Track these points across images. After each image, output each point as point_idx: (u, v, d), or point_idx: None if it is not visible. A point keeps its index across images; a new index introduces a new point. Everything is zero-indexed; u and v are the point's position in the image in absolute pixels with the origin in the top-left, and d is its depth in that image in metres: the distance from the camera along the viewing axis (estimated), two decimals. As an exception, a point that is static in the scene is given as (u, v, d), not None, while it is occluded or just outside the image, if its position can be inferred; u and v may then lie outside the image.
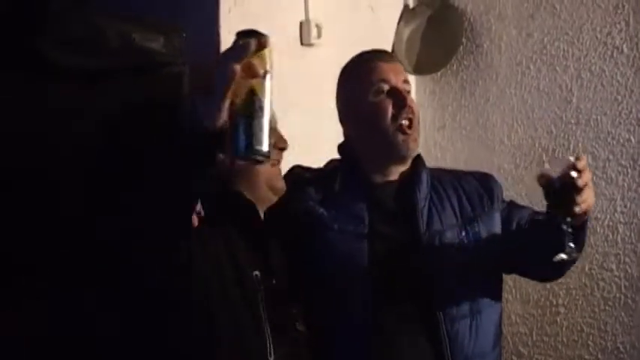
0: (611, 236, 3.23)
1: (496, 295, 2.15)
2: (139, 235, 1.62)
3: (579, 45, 3.31)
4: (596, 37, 3.29)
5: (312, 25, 2.80)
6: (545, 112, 3.33)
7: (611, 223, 3.23)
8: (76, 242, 2.00)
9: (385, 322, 1.98)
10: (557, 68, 3.33)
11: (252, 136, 1.42)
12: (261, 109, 1.43)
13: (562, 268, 2.10)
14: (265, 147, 1.43)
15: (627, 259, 3.21)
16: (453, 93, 3.45)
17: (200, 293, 1.72)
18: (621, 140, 3.25)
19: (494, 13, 3.42)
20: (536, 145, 3.33)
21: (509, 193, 2.61)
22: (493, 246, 2.10)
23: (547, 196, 1.87)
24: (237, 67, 1.42)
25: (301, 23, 2.81)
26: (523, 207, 2.24)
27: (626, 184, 3.23)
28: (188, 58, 2.26)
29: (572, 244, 1.85)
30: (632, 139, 3.23)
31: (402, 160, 2.14)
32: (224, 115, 1.43)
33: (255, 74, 1.44)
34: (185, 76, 2.24)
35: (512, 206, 2.21)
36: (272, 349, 1.76)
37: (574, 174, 1.79)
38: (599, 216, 3.24)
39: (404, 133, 2.10)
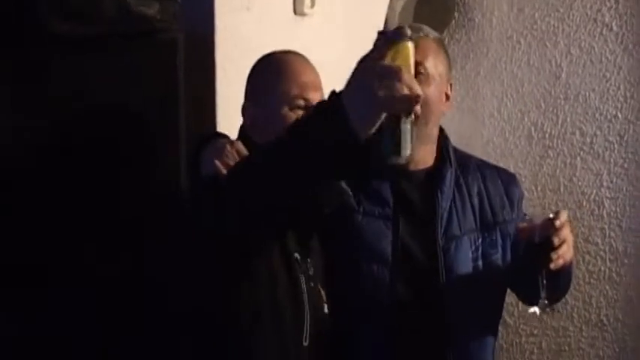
0: (596, 210, 3.27)
1: (500, 302, 2.13)
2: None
3: (569, 21, 3.33)
4: (587, 14, 3.31)
5: (306, -6, 2.79)
6: (535, 87, 3.35)
7: (597, 198, 3.28)
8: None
9: (405, 306, 1.95)
10: (547, 44, 3.35)
11: (399, 141, 1.39)
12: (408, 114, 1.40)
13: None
14: (410, 151, 1.41)
15: (612, 234, 3.26)
16: (444, 66, 3.46)
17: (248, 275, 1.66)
18: (609, 116, 3.28)
19: (486, -13, 3.44)
20: (525, 119, 3.36)
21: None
22: (505, 260, 2.05)
23: (526, 248, 1.90)
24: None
25: (294, -8, 2.80)
26: None
27: (612, 160, 3.27)
28: (183, 24, 2.26)
29: (545, 301, 1.88)
30: (620, 116, 3.27)
31: None
32: (377, 125, 1.36)
33: None
34: (180, 43, 2.24)
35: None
36: (308, 334, 1.73)
37: (551, 231, 1.82)
38: (585, 190, 3.29)
39: None
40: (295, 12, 2.79)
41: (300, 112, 1.77)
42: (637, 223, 3.27)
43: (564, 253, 1.84)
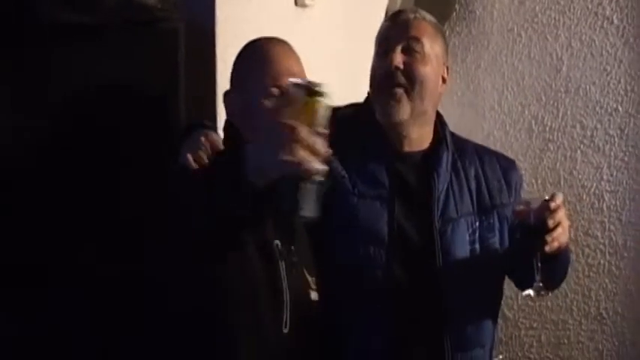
0: (596, 204, 3.28)
1: (499, 287, 2.10)
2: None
3: (570, 14, 3.33)
4: (587, 7, 3.31)
5: (307, -15, 2.78)
6: (536, 80, 3.35)
7: (597, 191, 3.28)
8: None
9: (402, 289, 1.93)
10: (548, 37, 3.35)
11: (298, 200, 1.31)
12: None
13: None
14: (311, 212, 1.32)
15: (612, 227, 3.26)
16: (445, 59, 3.46)
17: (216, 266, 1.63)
18: (609, 110, 3.28)
19: (487, -20, 3.44)
20: (526, 112, 3.36)
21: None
22: (502, 244, 2.04)
23: (521, 231, 1.89)
24: (298, 126, 1.28)
25: (295, -17, 2.80)
26: None
27: (612, 153, 3.27)
28: (183, 14, 2.26)
29: (540, 284, 1.87)
30: (620, 109, 3.27)
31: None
32: (276, 176, 1.31)
33: None
34: (180, 33, 2.24)
35: None
36: (288, 321, 1.72)
37: (547, 213, 1.80)
38: (585, 184, 3.29)
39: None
40: (296, 3, 2.78)
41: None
42: (637, 216, 3.27)
43: (559, 236, 1.82)
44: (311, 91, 1.32)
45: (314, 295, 1.83)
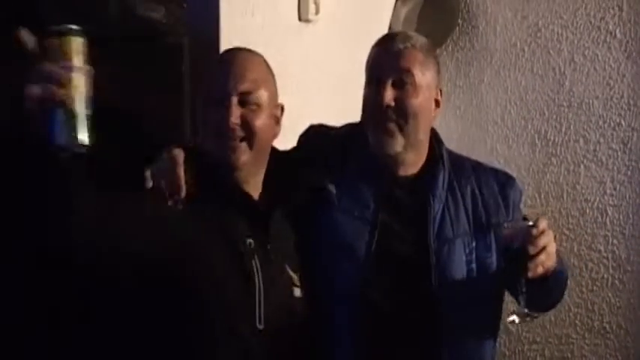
0: (600, 218, 3.27)
1: (498, 303, 2.07)
2: None
3: (573, 29, 3.34)
4: (590, 22, 3.32)
5: (310, 0, 2.80)
6: (539, 95, 3.36)
7: (600, 206, 3.28)
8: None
9: (381, 306, 1.92)
10: (551, 51, 3.36)
11: (51, 129, 1.38)
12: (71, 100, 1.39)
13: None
14: (63, 140, 1.39)
15: (615, 241, 3.26)
16: (448, 73, 3.46)
17: (179, 267, 1.68)
18: (612, 124, 3.29)
19: (490, -5, 3.45)
20: (529, 126, 3.37)
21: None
22: (500, 264, 1.99)
23: (507, 254, 1.87)
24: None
25: (299, -2, 2.82)
26: None
27: (616, 167, 3.27)
28: (188, 29, 2.28)
29: (525, 309, 1.83)
30: (623, 123, 3.27)
31: None
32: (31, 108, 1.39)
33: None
34: (185, 47, 2.26)
35: None
36: (262, 317, 1.75)
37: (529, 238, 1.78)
38: (588, 198, 3.29)
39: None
40: (300, 18, 2.80)
41: (220, 108, 1.81)
42: (640, 230, 3.27)
43: (543, 262, 1.78)
44: (48, 33, 1.40)
45: (298, 292, 1.86)
